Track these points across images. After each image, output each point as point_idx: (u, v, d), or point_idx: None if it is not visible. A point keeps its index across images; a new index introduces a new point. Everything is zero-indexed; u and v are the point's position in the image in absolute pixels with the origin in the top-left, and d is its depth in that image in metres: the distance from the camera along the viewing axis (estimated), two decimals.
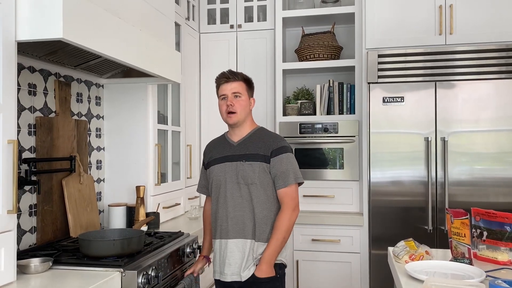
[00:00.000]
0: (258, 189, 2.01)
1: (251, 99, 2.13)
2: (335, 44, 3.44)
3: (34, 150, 2.12)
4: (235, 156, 2.06)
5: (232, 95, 2.06)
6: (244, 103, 2.07)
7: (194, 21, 3.57)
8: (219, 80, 2.11)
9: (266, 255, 1.96)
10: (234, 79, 2.07)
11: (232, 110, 2.04)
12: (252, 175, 2.00)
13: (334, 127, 3.33)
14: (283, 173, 2.01)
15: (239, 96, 2.06)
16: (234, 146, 2.10)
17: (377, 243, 3.05)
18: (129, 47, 2.00)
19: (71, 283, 1.60)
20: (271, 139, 2.07)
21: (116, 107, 2.75)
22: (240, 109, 2.06)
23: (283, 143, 2.07)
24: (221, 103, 2.09)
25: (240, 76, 2.10)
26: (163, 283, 2.00)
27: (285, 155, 2.03)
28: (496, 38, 2.98)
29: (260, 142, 2.06)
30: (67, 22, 1.56)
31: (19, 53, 1.85)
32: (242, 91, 2.08)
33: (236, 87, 2.07)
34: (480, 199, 2.90)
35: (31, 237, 2.10)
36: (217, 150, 2.14)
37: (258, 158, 2.02)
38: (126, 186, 2.73)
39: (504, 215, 1.85)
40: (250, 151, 2.04)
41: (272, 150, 2.03)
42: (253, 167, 2.01)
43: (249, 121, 2.13)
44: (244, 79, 2.11)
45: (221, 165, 2.08)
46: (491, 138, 2.91)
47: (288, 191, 2.02)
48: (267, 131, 2.15)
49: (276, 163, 2.02)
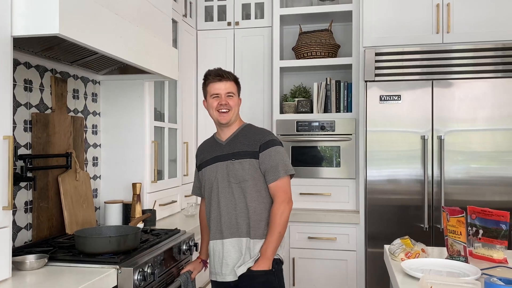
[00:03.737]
0: (250, 186, 2.00)
1: (239, 97, 2.14)
2: (332, 42, 3.44)
3: (30, 146, 2.11)
4: (224, 156, 2.06)
5: (225, 94, 2.05)
6: (235, 103, 2.08)
7: (191, 18, 3.56)
8: (211, 78, 2.07)
9: (264, 250, 1.96)
10: (227, 79, 2.06)
11: (227, 108, 2.04)
12: (242, 172, 2.00)
13: (331, 125, 3.33)
14: (272, 167, 2.00)
15: (232, 96, 2.07)
16: (223, 146, 2.09)
17: (373, 241, 3.05)
18: (126, 43, 1.99)
19: (67, 280, 1.60)
20: (258, 135, 2.07)
21: (112, 103, 2.74)
22: (234, 108, 2.07)
23: (271, 136, 2.06)
24: (211, 101, 2.06)
25: (232, 76, 2.10)
26: (159, 280, 1.99)
27: (273, 149, 2.02)
28: (493, 37, 2.98)
29: (248, 139, 2.06)
30: (64, 17, 1.55)
31: (14, 48, 1.84)
32: (234, 91, 2.08)
33: (230, 86, 2.07)
34: (476, 198, 2.91)
35: (27, 233, 2.09)
36: (208, 152, 2.14)
37: (247, 155, 2.01)
38: (122, 183, 2.72)
39: (499, 213, 1.85)
40: (239, 149, 2.04)
41: (260, 144, 2.02)
42: (243, 165, 2.01)
43: (238, 119, 2.14)
44: (235, 79, 2.12)
45: (212, 166, 2.08)
46: (488, 137, 2.92)
47: (280, 184, 2.01)
48: (254, 127, 2.15)
49: (265, 157, 2.01)
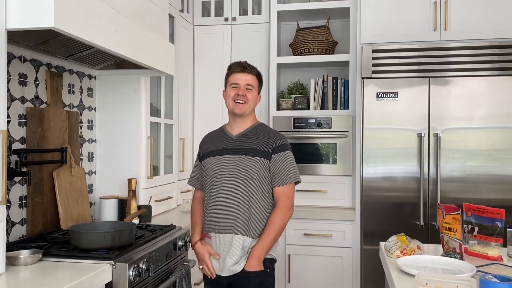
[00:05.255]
0: (255, 184, 1.98)
1: (259, 94, 2.12)
2: (329, 38, 3.43)
3: (24, 141, 2.09)
4: (233, 150, 2.03)
5: (244, 85, 2.04)
6: (254, 96, 2.07)
7: (188, 13, 3.54)
8: (234, 68, 2.07)
9: (256, 250, 1.95)
10: (250, 71, 2.06)
11: (244, 100, 2.02)
12: (251, 170, 1.98)
13: (327, 122, 3.33)
14: (283, 171, 2.00)
15: (251, 89, 2.05)
16: (233, 140, 2.07)
17: (369, 238, 3.06)
18: (122, 38, 1.97)
19: (61, 275, 1.59)
20: (272, 136, 2.06)
21: (108, 98, 2.73)
22: (250, 100, 2.05)
23: (285, 141, 2.07)
24: (230, 90, 2.05)
25: (256, 70, 2.09)
26: (155, 276, 1.99)
27: (286, 153, 2.02)
28: (490, 35, 2.99)
29: (261, 138, 2.04)
30: (59, 11, 1.53)
31: (9, 42, 1.82)
32: (254, 85, 2.07)
33: (250, 79, 2.05)
34: (472, 196, 2.91)
35: (21, 229, 2.08)
36: (214, 143, 2.11)
37: (258, 154, 2.00)
38: (118, 179, 2.71)
39: (495, 210, 1.86)
40: (250, 146, 2.02)
41: (274, 146, 2.01)
42: (253, 162, 1.98)
43: (252, 116, 2.12)
44: (258, 74, 2.10)
45: (218, 157, 2.05)
46: (484, 135, 2.92)
47: (286, 190, 2.01)
48: (268, 128, 2.14)
49: (277, 160, 2.00)
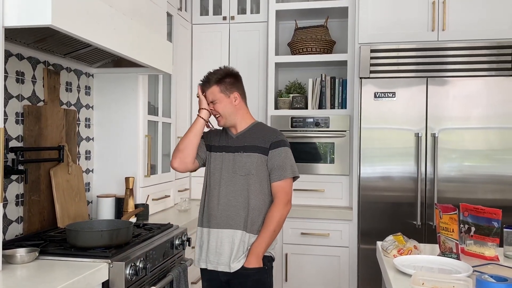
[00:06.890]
0: (254, 180, 2.00)
1: (231, 95, 2.05)
2: (328, 38, 3.43)
3: (21, 139, 2.09)
4: (233, 147, 2.06)
5: (210, 103, 2.07)
6: (223, 106, 2.05)
7: (186, 12, 3.54)
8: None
9: (255, 247, 1.96)
10: (206, 87, 2.06)
11: (217, 114, 2.07)
12: (249, 165, 2.01)
13: (325, 121, 3.33)
14: (280, 166, 2.02)
15: (216, 103, 2.05)
16: (233, 138, 2.10)
17: (366, 238, 3.06)
18: (120, 36, 1.97)
19: (58, 274, 1.58)
20: (270, 132, 2.09)
21: (106, 97, 2.72)
22: (223, 113, 2.06)
23: (282, 137, 2.09)
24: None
25: (213, 79, 2.04)
26: (151, 275, 1.98)
27: (283, 149, 2.04)
28: (488, 36, 2.99)
29: (259, 135, 2.06)
30: (56, 8, 1.53)
31: (6, 39, 1.81)
32: (215, 97, 2.04)
33: (209, 95, 2.06)
34: (469, 196, 2.92)
35: (18, 227, 2.07)
36: (216, 139, 2.14)
37: (256, 150, 2.02)
38: (115, 177, 2.71)
39: (492, 210, 1.86)
40: (249, 143, 2.05)
41: (271, 142, 2.03)
42: (251, 158, 2.02)
43: (242, 117, 2.10)
44: (216, 81, 2.04)
45: (218, 154, 2.08)
46: (481, 136, 2.93)
47: (283, 185, 2.02)
48: (266, 126, 2.18)
49: (274, 155, 2.02)
